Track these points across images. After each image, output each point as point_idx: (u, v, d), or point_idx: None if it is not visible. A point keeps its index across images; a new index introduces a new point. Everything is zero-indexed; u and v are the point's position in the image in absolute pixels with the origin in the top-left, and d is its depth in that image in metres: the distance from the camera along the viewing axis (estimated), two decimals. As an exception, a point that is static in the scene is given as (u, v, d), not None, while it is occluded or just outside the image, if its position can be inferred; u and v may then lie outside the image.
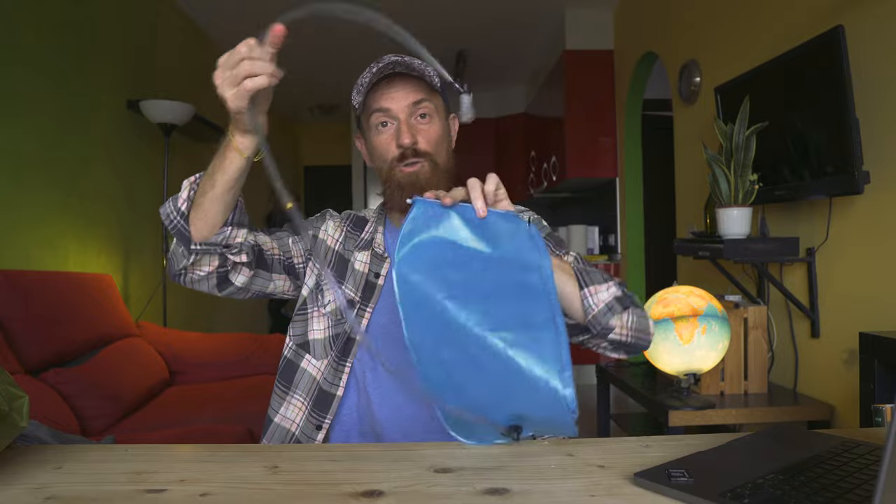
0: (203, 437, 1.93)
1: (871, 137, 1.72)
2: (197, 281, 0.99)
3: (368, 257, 1.10)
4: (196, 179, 0.94)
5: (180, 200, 0.93)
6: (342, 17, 0.70)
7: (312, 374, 1.06)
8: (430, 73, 1.05)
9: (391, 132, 1.05)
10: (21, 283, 2.06)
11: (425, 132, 1.05)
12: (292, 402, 1.06)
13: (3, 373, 0.76)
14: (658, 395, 2.03)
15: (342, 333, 1.06)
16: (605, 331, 0.93)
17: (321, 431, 1.02)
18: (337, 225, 1.15)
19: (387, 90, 1.04)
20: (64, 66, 2.66)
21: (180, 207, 0.93)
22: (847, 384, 1.84)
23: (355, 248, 1.12)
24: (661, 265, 4.06)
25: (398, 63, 1.02)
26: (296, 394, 1.06)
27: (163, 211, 0.95)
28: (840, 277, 1.91)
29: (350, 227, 1.15)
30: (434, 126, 1.06)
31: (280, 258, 1.07)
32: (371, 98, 1.06)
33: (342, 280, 1.09)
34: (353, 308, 1.06)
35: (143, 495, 0.66)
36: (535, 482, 0.68)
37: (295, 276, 1.10)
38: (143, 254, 3.31)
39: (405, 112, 1.04)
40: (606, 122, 4.02)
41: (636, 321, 0.95)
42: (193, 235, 0.93)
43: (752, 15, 2.36)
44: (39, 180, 2.49)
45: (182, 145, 3.74)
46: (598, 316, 0.91)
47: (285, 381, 1.08)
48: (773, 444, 0.79)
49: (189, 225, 0.93)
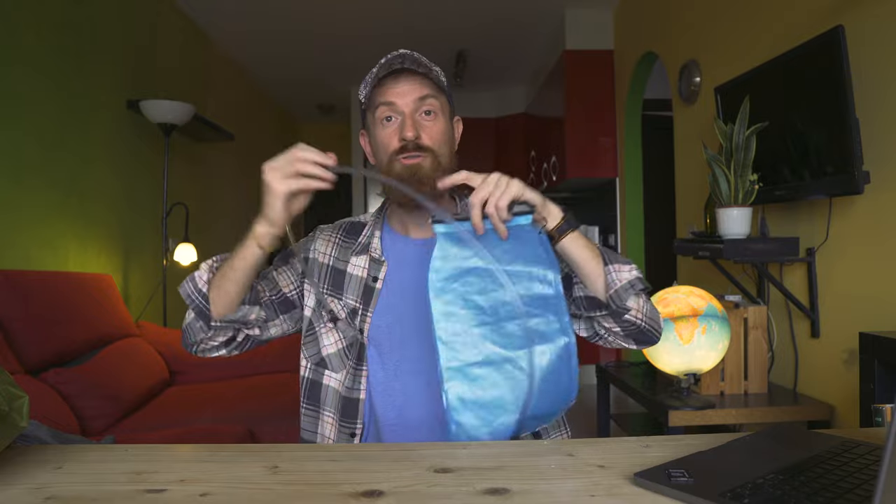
0: (203, 437, 1.93)
1: (871, 137, 1.72)
2: (208, 350, 1.05)
3: (366, 262, 1.10)
4: (214, 263, 1.01)
5: (200, 282, 1.00)
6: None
7: (335, 387, 1.06)
8: (437, 71, 1.06)
9: (395, 126, 1.04)
10: (21, 283, 2.06)
11: (429, 128, 1.04)
12: (323, 420, 1.06)
13: (3, 373, 0.76)
14: (658, 395, 2.03)
15: (354, 342, 1.06)
16: (622, 309, 0.97)
17: (355, 438, 1.03)
18: (327, 239, 1.15)
19: (393, 85, 1.04)
20: (64, 66, 2.66)
21: (200, 288, 0.99)
22: (847, 384, 1.84)
23: (351, 254, 1.12)
24: (661, 265, 4.06)
25: (406, 57, 1.02)
26: (325, 411, 1.07)
27: (182, 291, 1.00)
28: (840, 277, 1.91)
29: (343, 235, 1.15)
30: (438, 123, 1.05)
31: (272, 300, 1.08)
32: (377, 92, 1.05)
33: (340, 293, 1.08)
34: (356, 316, 1.06)
35: (143, 495, 0.66)
36: (535, 482, 0.68)
37: (290, 307, 1.10)
38: (143, 254, 3.31)
39: (410, 107, 1.03)
40: (606, 122, 4.02)
41: (650, 309, 1.01)
42: (213, 313, 0.99)
43: (752, 15, 2.36)
44: (39, 180, 2.49)
45: (182, 145, 3.74)
46: (620, 291, 0.96)
47: (312, 402, 1.08)
48: (773, 444, 0.79)
49: (209, 303, 0.99)
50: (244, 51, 4.64)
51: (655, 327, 1.01)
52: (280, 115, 6.35)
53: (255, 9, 3.91)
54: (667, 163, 3.24)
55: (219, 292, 0.98)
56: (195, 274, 1.01)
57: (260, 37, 4.39)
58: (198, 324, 1.01)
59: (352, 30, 4.26)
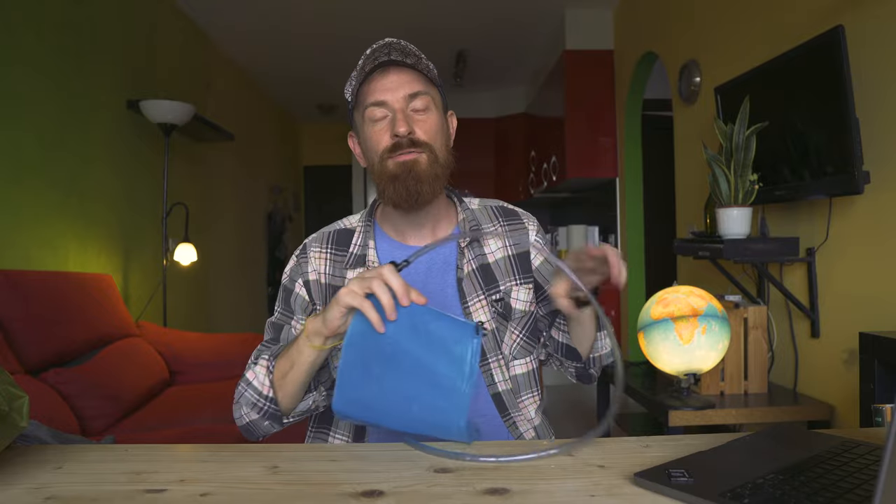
0: (203, 437, 1.93)
1: (871, 137, 1.72)
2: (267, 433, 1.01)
3: None
4: (270, 364, 0.95)
5: (264, 387, 0.94)
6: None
7: None
8: (426, 63, 1.00)
9: (386, 123, 0.98)
10: (21, 283, 2.06)
11: (422, 123, 0.98)
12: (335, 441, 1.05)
13: (3, 373, 0.76)
14: (658, 395, 2.03)
15: None
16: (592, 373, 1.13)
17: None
18: (318, 255, 1.07)
19: (382, 81, 0.98)
20: (64, 66, 2.66)
21: (267, 395, 0.94)
22: (847, 384, 1.84)
23: (346, 268, 1.05)
24: (661, 265, 4.06)
25: (393, 46, 0.97)
26: (336, 433, 1.05)
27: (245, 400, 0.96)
28: (840, 277, 1.91)
29: (333, 247, 1.08)
30: (432, 117, 1.00)
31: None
32: (365, 90, 0.99)
33: None
34: None
35: (142, 495, 0.66)
36: (535, 482, 0.68)
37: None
38: (143, 254, 3.31)
39: (401, 103, 0.97)
40: (606, 122, 4.02)
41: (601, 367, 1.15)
42: (283, 412, 0.96)
43: (752, 15, 2.36)
44: (39, 180, 2.49)
45: (182, 145, 3.74)
46: (597, 360, 1.10)
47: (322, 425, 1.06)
48: (773, 444, 0.79)
49: (279, 405, 0.95)
50: (244, 51, 4.64)
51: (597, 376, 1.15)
52: (280, 115, 6.35)
53: (255, 9, 3.91)
54: (667, 163, 3.24)
55: (281, 392, 0.94)
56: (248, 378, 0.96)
57: (260, 37, 4.39)
58: (265, 422, 0.97)
59: (352, 30, 4.26)
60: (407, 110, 0.98)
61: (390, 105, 0.98)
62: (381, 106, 0.98)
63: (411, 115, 0.98)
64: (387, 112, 0.98)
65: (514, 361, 1.06)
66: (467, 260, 1.06)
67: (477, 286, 1.05)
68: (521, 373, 1.07)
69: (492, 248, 1.08)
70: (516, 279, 1.07)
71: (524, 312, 1.07)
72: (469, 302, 1.04)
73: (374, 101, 0.98)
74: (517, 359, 1.07)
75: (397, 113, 0.97)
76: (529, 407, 1.07)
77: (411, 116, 0.98)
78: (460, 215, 1.11)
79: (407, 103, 0.98)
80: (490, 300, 1.05)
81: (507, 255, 1.09)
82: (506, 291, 1.06)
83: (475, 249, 1.07)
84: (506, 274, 1.07)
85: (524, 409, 1.06)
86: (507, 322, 1.06)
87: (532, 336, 1.09)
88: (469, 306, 1.04)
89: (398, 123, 0.96)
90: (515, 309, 1.06)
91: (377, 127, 0.99)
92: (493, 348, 1.04)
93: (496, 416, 1.04)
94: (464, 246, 1.07)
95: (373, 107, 0.99)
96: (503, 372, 1.05)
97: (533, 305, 1.09)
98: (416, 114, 0.99)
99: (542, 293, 1.10)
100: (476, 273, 1.06)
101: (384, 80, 0.98)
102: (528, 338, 1.08)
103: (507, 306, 1.06)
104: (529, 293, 1.08)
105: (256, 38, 4.41)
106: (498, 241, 1.09)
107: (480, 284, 1.05)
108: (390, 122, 0.98)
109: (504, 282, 1.07)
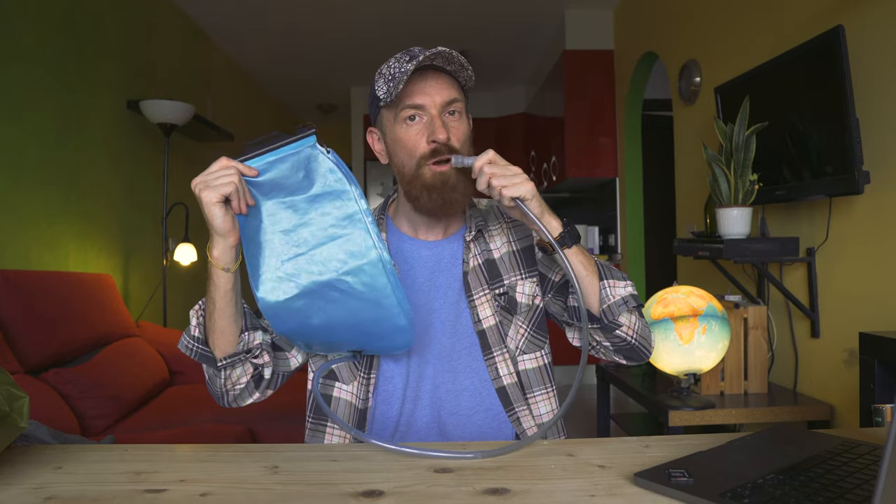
0: (203, 437, 1.93)
1: (871, 137, 1.72)
2: (240, 396, 1.01)
3: None
4: (200, 307, 0.97)
5: (192, 329, 0.97)
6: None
7: (347, 399, 1.04)
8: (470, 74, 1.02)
9: (421, 126, 0.99)
10: (21, 283, 2.06)
11: (456, 130, 1.00)
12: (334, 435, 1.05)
13: (4, 373, 0.76)
14: (658, 395, 2.03)
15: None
16: (613, 325, 0.98)
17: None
18: None
19: (422, 84, 0.99)
20: (64, 65, 2.66)
21: (195, 335, 0.97)
22: (847, 384, 1.84)
23: None
24: (661, 265, 4.07)
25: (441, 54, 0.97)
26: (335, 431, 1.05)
27: (182, 346, 0.98)
28: (840, 277, 1.91)
29: None
30: (462, 124, 1.02)
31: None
32: (404, 91, 0.99)
33: None
34: None
35: (142, 495, 0.66)
36: (535, 482, 0.68)
37: None
38: (143, 254, 3.31)
39: (438, 109, 0.99)
40: (606, 122, 4.02)
41: (642, 327, 1.01)
42: (217, 354, 0.96)
43: (752, 15, 2.36)
44: (39, 180, 2.49)
45: (182, 145, 3.74)
46: (613, 307, 0.97)
47: (319, 415, 1.07)
48: (773, 444, 0.79)
49: (210, 347, 0.96)
50: (244, 51, 4.64)
51: (645, 345, 1.02)
52: (280, 115, 6.35)
53: (255, 9, 3.91)
54: (667, 163, 3.24)
55: (214, 333, 0.94)
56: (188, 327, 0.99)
57: (260, 37, 4.39)
58: (210, 371, 0.98)
59: (352, 30, 4.26)
60: (442, 116, 1.00)
61: (428, 109, 0.99)
62: (419, 109, 0.99)
63: (447, 121, 1.00)
64: (422, 115, 1.00)
65: (524, 356, 1.07)
66: (473, 255, 1.08)
67: (482, 280, 1.07)
68: (532, 367, 1.07)
69: (497, 245, 1.11)
70: (521, 273, 1.09)
71: (529, 306, 1.09)
72: (474, 295, 1.06)
73: (411, 103, 0.99)
74: (526, 353, 1.07)
75: (435, 119, 0.99)
76: (541, 404, 1.07)
77: (447, 122, 1.00)
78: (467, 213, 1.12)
79: (444, 109, 1.00)
80: (494, 294, 1.07)
81: (511, 250, 1.11)
82: (510, 285, 1.08)
83: (481, 245, 1.10)
84: (510, 268, 1.09)
85: (535, 405, 1.06)
86: (511, 316, 1.07)
87: (539, 330, 1.10)
88: (474, 300, 1.06)
89: (438, 130, 0.98)
90: (520, 303, 1.08)
91: (413, 130, 1.00)
92: (498, 342, 1.05)
93: (501, 412, 1.04)
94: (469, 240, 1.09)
95: (409, 108, 1.00)
96: (508, 366, 1.05)
97: (538, 299, 1.09)
98: (451, 120, 1.01)
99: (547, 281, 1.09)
100: (481, 268, 1.08)
101: (424, 83, 0.99)
102: (536, 332, 1.09)
103: (512, 300, 1.07)
104: (534, 286, 1.09)
105: (256, 38, 4.41)
106: (503, 237, 1.11)
107: (485, 279, 1.07)
108: (426, 126, 0.99)
109: (508, 276, 1.08)
